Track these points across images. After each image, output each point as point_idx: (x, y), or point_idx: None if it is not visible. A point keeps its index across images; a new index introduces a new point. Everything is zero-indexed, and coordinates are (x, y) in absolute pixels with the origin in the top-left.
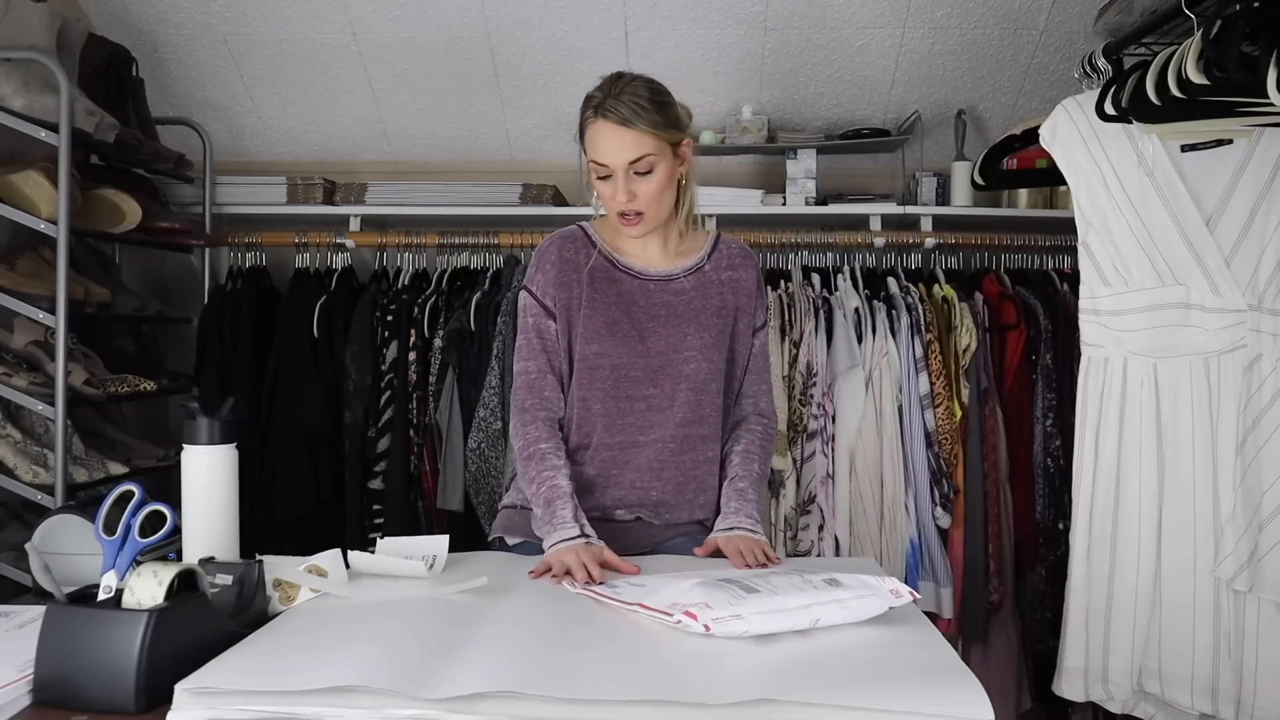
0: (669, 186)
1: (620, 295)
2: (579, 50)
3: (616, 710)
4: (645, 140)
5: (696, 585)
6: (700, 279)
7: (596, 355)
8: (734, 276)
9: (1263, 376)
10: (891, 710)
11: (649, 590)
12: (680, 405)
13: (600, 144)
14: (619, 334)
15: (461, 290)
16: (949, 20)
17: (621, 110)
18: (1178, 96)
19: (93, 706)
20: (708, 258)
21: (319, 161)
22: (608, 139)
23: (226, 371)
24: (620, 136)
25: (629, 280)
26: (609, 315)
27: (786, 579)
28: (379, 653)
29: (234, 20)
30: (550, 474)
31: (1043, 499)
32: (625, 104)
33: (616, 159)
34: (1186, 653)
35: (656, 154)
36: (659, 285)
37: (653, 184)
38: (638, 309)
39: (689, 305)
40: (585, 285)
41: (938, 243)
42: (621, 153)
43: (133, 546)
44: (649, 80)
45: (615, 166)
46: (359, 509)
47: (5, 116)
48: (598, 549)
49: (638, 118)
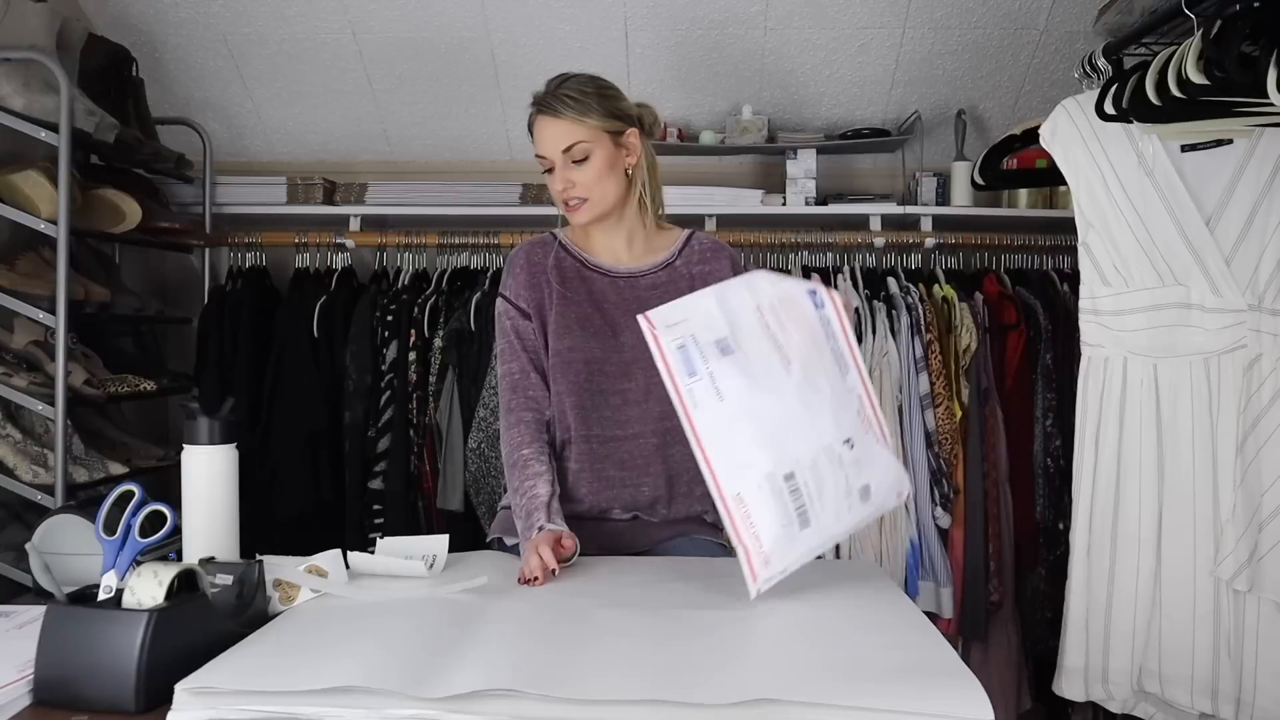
0: (608, 174)
1: (591, 293)
2: (579, 50)
3: (616, 710)
4: (576, 128)
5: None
6: (671, 274)
7: (570, 350)
8: (705, 270)
9: (1263, 376)
10: (891, 710)
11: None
12: (656, 399)
13: (537, 137)
14: (591, 329)
15: (461, 290)
16: (949, 20)
17: (552, 103)
18: (1178, 96)
19: (93, 706)
20: (678, 253)
21: (319, 161)
22: (541, 131)
23: (226, 371)
24: (552, 127)
25: (598, 278)
26: (580, 311)
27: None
28: (379, 653)
29: (234, 20)
30: (531, 483)
31: (1043, 499)
32: (557, 97)
33: (550, 149)
34: (1186, 652)
35: (590, 141)
36: (628, 281)
37: (588, 171)
38: (609, 304)
39: (659, 299)
40: (555, 284)
41: (938, 243)
42: (554, 142)
43: (133, 546)
44: (592, 76)
45: (551, 156)
46: (359, 509)
47: (5, 116)
48: (549, 533)
49: (567, 108)
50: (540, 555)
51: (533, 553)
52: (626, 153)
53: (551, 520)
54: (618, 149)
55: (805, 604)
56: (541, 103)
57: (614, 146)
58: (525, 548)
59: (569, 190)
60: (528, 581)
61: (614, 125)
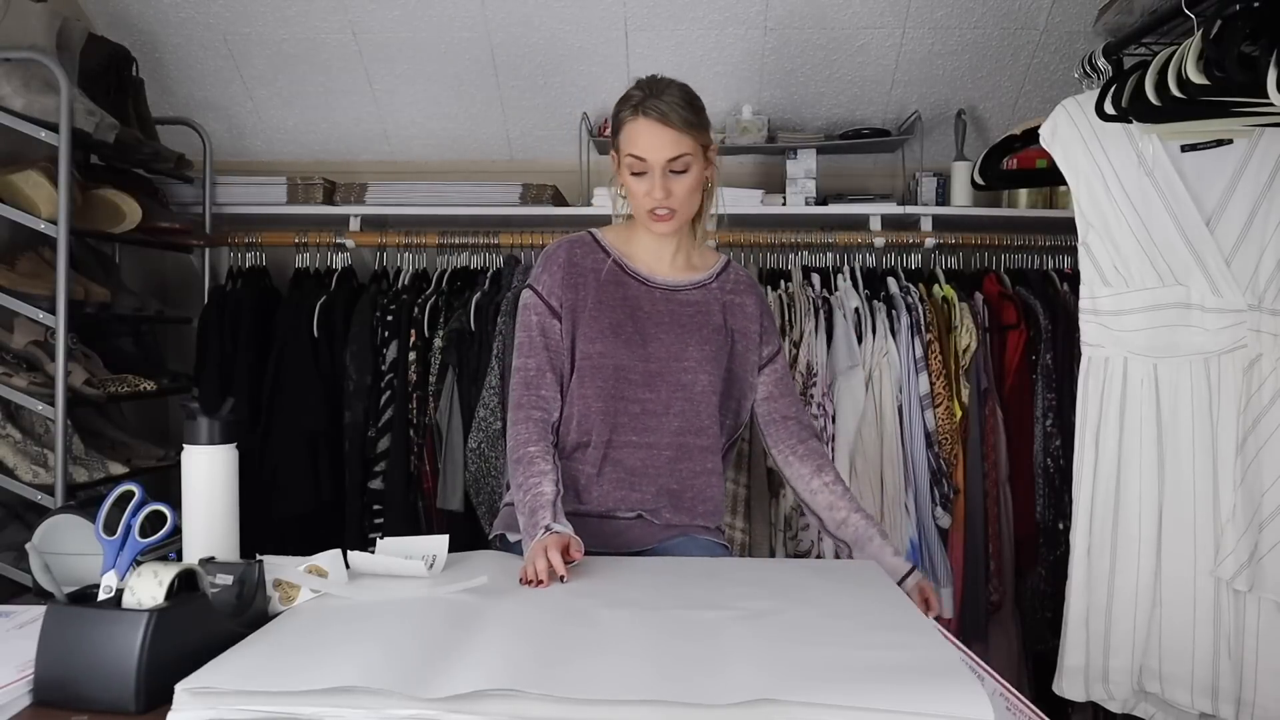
0: (698, 189)
1: (626, 299)
2: (579, 50)
3: (616, 710)
4: (684, 140)
5: None
6: (705, 294)
7: (600, 355)
8: (737, 301)
9: (1263, 376)
10: (891, 710)
11: None
12: (676, 414)
13: (641, 140)
14: (622, 336)
15: (461, 290)
16: (949, 20)
17: (663, 109)
18: (1178, 96)
19: (93, 706)
20: (715, 277)
21: (319, 161)
22: (649, 136)
23: (226, 371)
24: (662, 135)
25: (636, 285)
26: (614, 317)
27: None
28: (379, 653)
29: (234, 20)
30: (536, 480)
31: (1043, 499)
32: (666, 103)
33: (657, 156)
34: (1187, 652)
35: (692, 154)
36: (665, 294)
37: (686, 183)
38: (642, 314)
39: (692, 317)
40: (593, 288)
41: (938, 243)
42: (662, 150)
43: (133, 546)
44: (684, 85)
45: (654, 163)
46: (359, 509)
47: (5, 116)
48: (558, 537)
49: (678, 117)
50: (550, 560)
51: (540, 555)
52: (708, 165)
53: (558, 520)
54: (707, 164)
55: (805, 604)
56: (649, 107)
57: (705, 162)
58: (530, 545)
59: (666, 200)
60: (529, 582)
61: (707, 139)
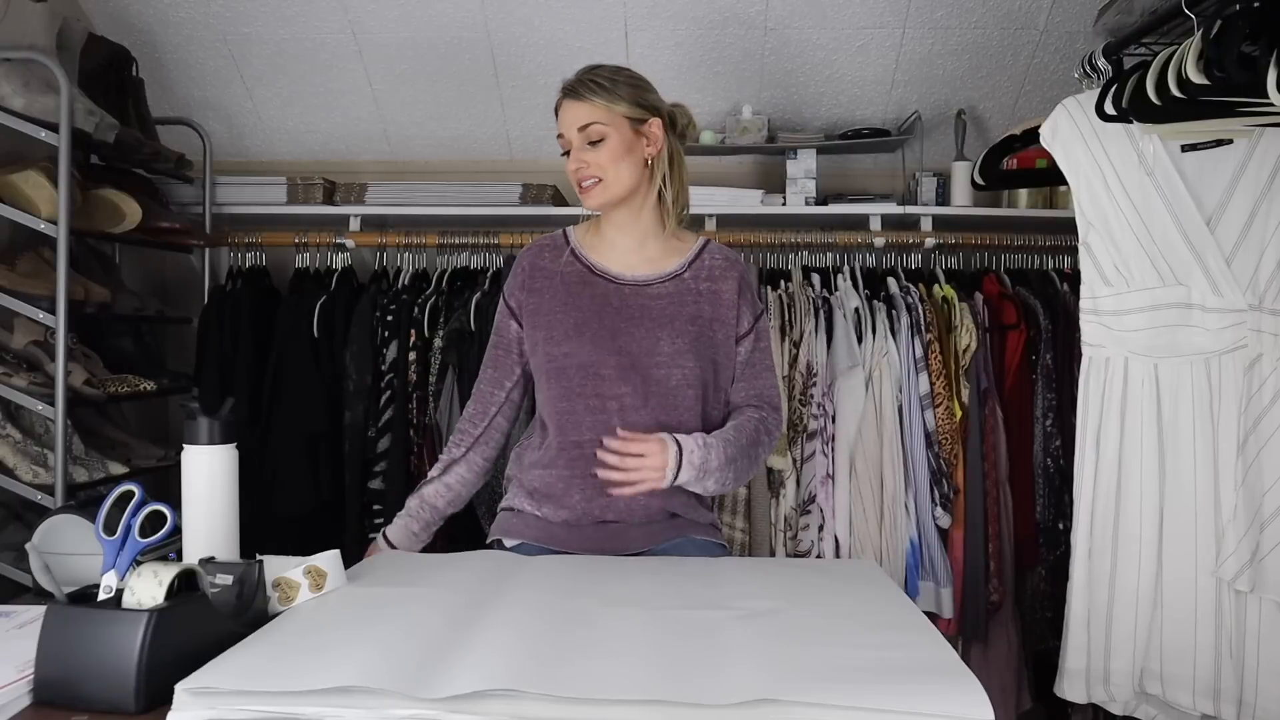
0: (624, 158)
1: (593, 298)
2: (579, 50)
3: (616, 710)
4: (595, 110)
5: None
6: (678, 285)
7: (565, 355)
8: (713, 288)
9: (1263, 376)
10: (891, 710)
11: None
12: (653, 408)
13: (560, 119)
14: (587, 334)
15: (461, 290)
16: (949, 20)
17: (573, 84)
18: (1178, 96)
19: (93, 706)
20: (688, 265)
21: (319, 161)
22: (563, 113)
23: (226, 371)
24: (573, 108)
25: (603, 284)
26: (579, 317)
27: None
28: (379, 653)
29: (234, 20)
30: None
31: (1043, 499)
32: (581, 81)
33: (569, 128)
34: (1188, 653)
35: (607, 124)
36: (634, 290)
37: (605, 152)
38: (610, 310)
39: (663, 310)
40: (559, 289)
41: (938, 243)
42: (573, 122)
43: (133, 546)
44: (623, 67)
45: (570, 136)
46: (359, 509)
47: (5, 116)
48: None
49: (588, 90)
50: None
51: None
52: (647, 142)
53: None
54: (637, 136)
55: (805, 604)
56: (566, 86)
57: (633, 133)
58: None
59: (582, 170)
60: None
61: (635, 112)
